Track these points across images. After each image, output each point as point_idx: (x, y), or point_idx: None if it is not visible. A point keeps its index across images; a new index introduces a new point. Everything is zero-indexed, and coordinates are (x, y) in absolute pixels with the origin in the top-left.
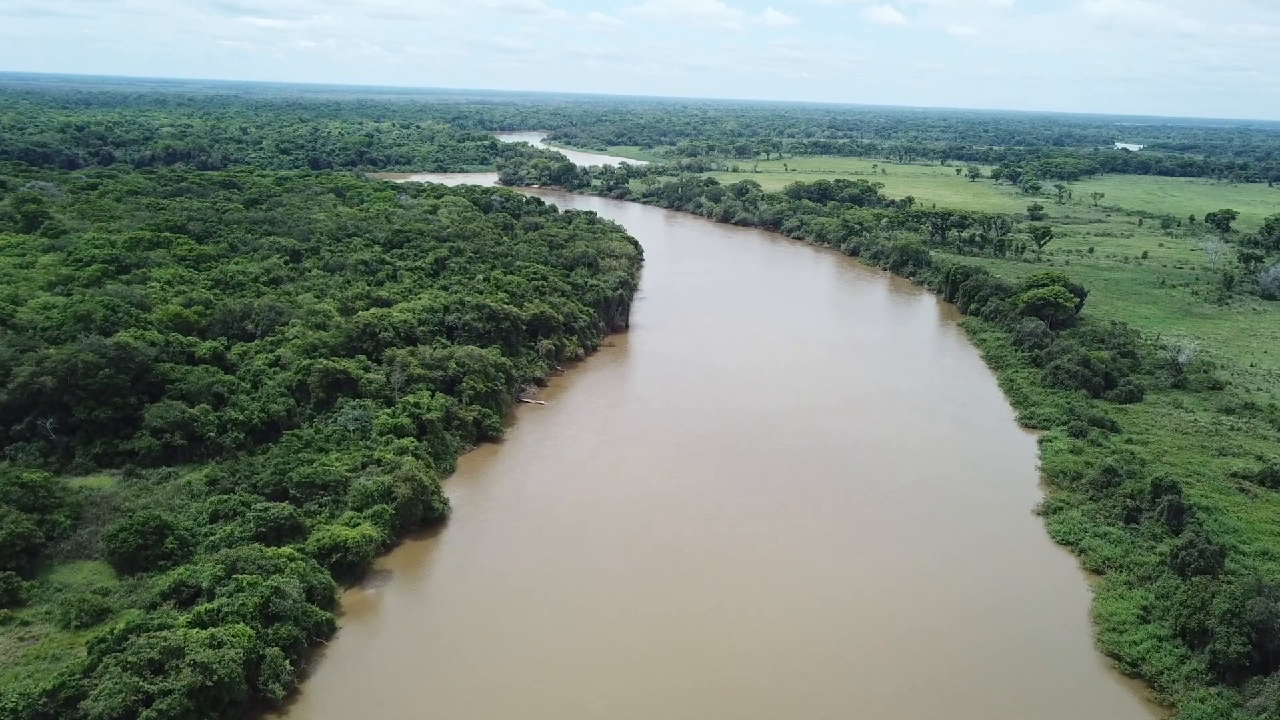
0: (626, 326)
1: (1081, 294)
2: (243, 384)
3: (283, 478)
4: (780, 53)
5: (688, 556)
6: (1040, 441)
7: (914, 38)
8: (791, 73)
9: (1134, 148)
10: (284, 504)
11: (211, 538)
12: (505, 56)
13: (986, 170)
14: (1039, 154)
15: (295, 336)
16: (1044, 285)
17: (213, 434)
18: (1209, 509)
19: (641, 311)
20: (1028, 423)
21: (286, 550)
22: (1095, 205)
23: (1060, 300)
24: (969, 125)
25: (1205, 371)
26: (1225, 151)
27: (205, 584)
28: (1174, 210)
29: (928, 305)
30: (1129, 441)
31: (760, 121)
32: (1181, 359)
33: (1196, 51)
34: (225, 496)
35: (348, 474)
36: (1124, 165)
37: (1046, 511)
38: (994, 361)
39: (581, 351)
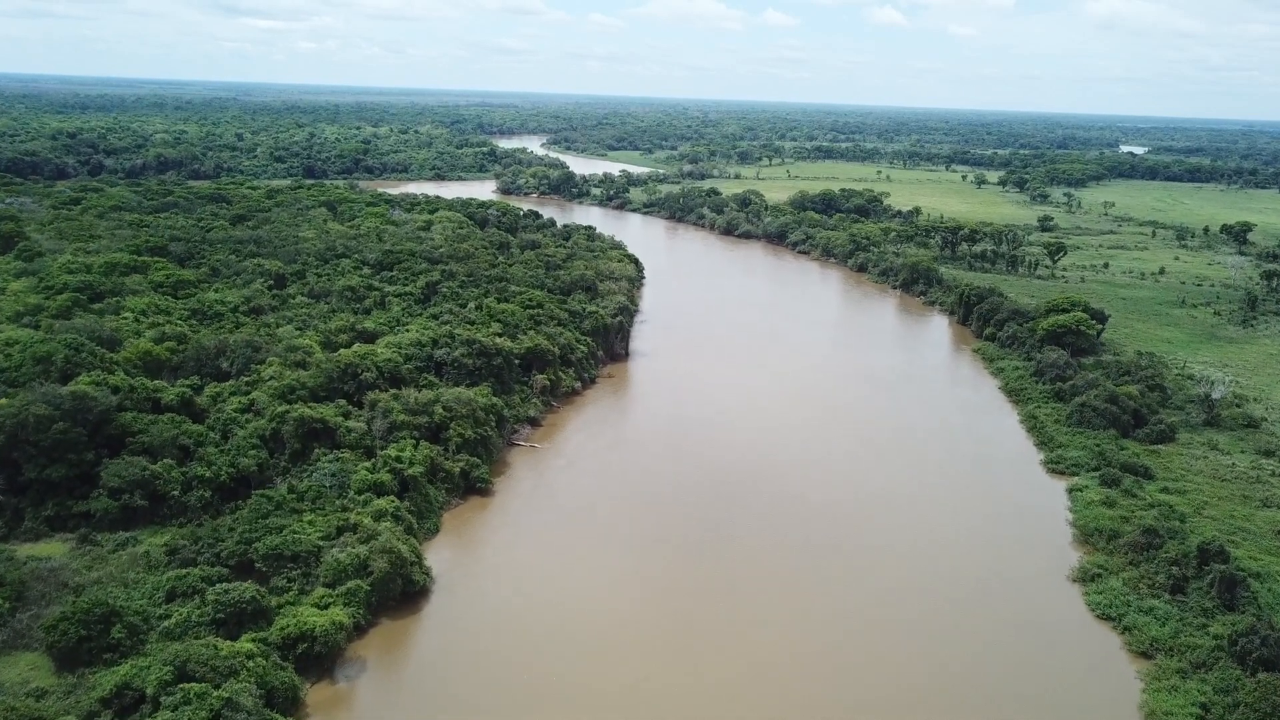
0: (626, 354)
1: (1102, 318)
2: (211, 434)
3: (249, 548)
4: (780, 53)
5: (689, 645)
6: (1070, 491)
7: (914, 38)
8: (792, 73)
9: (1139, 150)
10: (247, 584)
11: (166, 622)
12: (505, 57)
13: (992, 176)
14: (1044, 159)
15: (272, 377)
16: (1064, 311)
17: (176, 493)
18: (1260, 575)
19: (642, 336)
20: (1055, 468)
21: (245, 646)
22: (1106, 215)
23: (1082, 328)
24: (972, 128)
25: (1239, 406)
26: (1231, 154)
27: (150, 689)
28: (1186, 219)
29: (940, 328)
30: (1164, 490)
31: (762, 124)
32: (1215, 395)
33: (1197, 51)
34: (184, 572)
35: (320, 543)
36: (1131, 170)
37: (1084, 578)
38: (1014, 394)
39: (579, 385)
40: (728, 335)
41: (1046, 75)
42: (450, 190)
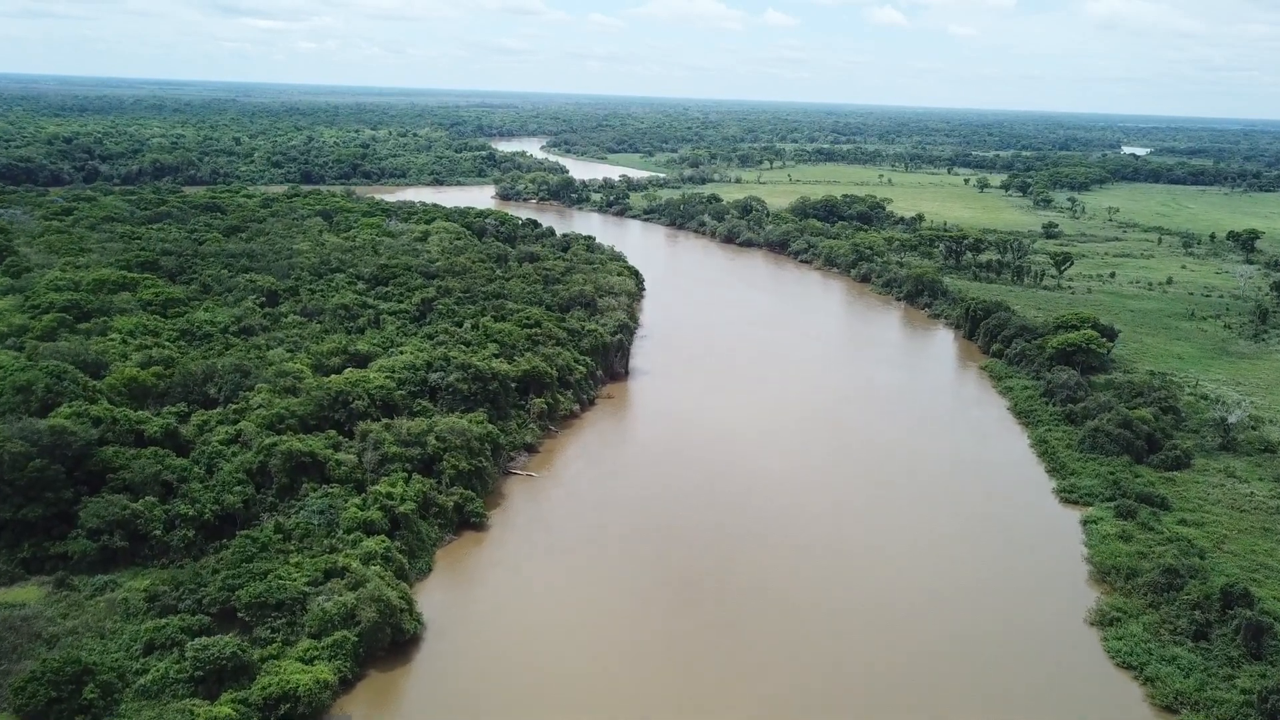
0: (626, 373)
1: (1112, 335)
2: (196, 469)
3: (231, 595)
4: (781, 53)
5: (691, 696)
6: (1084, 522)
7: (914, 38)
8: (792, 73)
9: (1141, 152)
10: (228, 638)
11: (143, 679)
12: (505, 57)
13: (995, 180)
14: (1047, 161)
15: (260, 405)
16: (1074, 328)
17: (158, 532)
18: None
19: (642, 353)
20: (1068, 497)
21: (224, 710)
22: (1111, 220)
23: (1093, 346)
24: (973, 128)
25: (1255, 429)
26: (1233, 156)
27: None
28: (1191, 225)
29: (945, 342)
30: (1182, 523)
31: (762, 125)
32: (1231, 419)
33: (1197, 51)
34: (163, 622)
35: (306, 589)
36: (1134, 173)
37: (1102, 621)
38: (1023, 416)
39: (577, 407)
40: (730, 351)
41: (1047, 75)
42: (449, 196)
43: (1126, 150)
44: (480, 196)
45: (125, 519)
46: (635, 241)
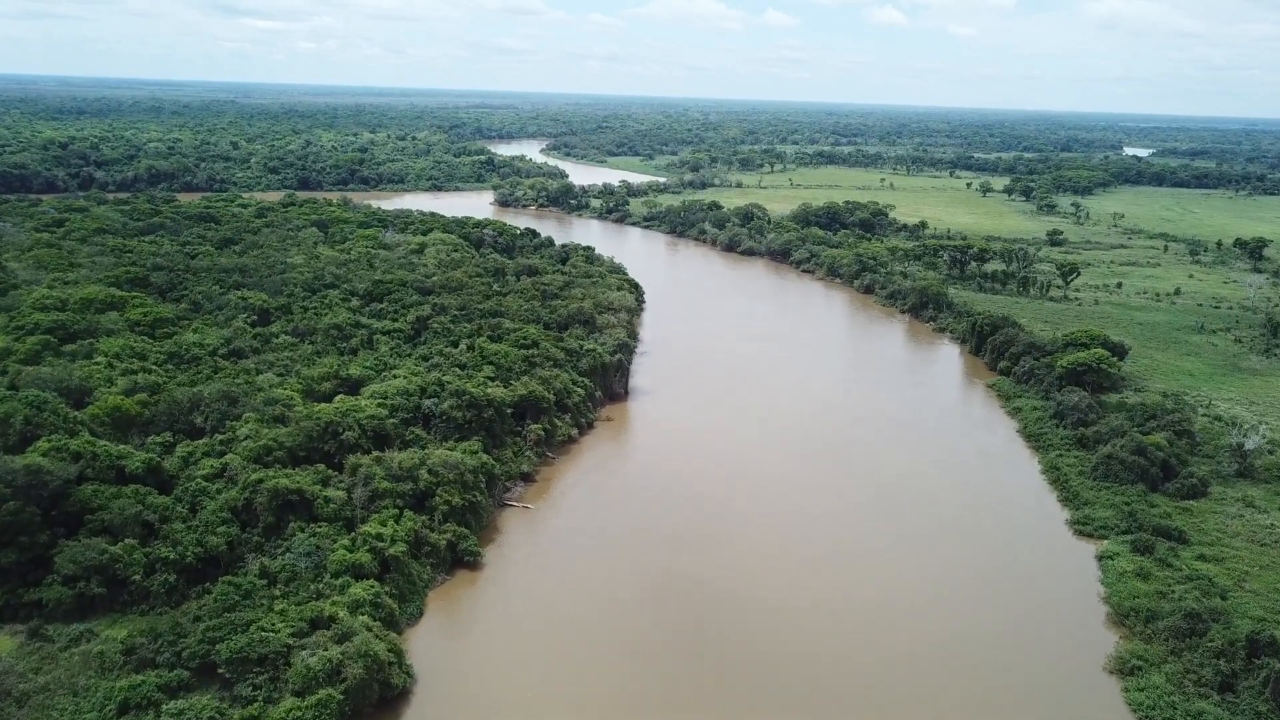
0: (626, 393)
1: (1122, 352)
2: (179, 507)
3: (212, 649)
4: (781, 53)
5: None
6: (1100, 558)
7: (915, 38)
8: (792, 73)
9: (1143, 153)
10: (207, 699)
11: None
12: (506, 57)
13: (997, 183)
14: (1050, 163)
15: (248, 436)
16: (1084, 346)
17: (138, 577)
18: None
19: (642, 371)
20: (1082, 529)
21: None
22: (1116, 227)
23: (1103, 365)
24: (974, 129)
25: (1272, 454)
26: (1236, 156)
27: None
28: (1197, 230)
29: (951, 358)
30: (1201, 558)
31: (763, 127)
32: (1249, 445)
33: (1198, 51)
34: (140, 679)
35: (290, 640)
36: (1137, 176)
37: (1122, 669)
38: (1033, 439)
39: (575, 432)
40: (732, 370)
41: (1047, 75)
42: (447, 202)
43: (1128, 152)
44: (479, 203)
45: (103, 564)
46: (635, 250)
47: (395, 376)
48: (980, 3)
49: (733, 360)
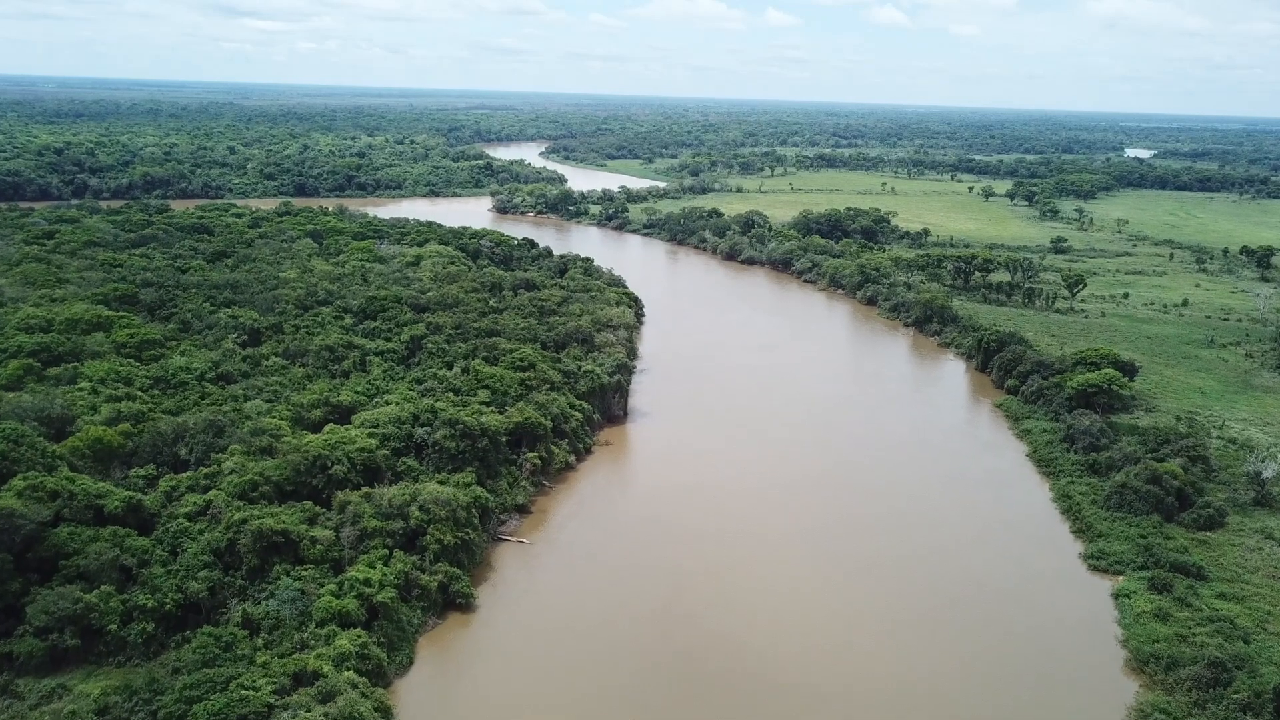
0: (625, 415)
1: (1132, 372)
2: (158, 550)
3: (188, 710)
4: (781, 53)
5: None
6: (1116, 596)
7: (916, 37)
8: (793, 73)
9: (1145, 155)
10: None
11: None
12: (506, 58)
13: (999, 187)
14: (1051, 166)
15: (234, 470)
16: (1093, 366)
17: (114, 627)
18: None
19: (642, 389)
20: (1096, 564)
21: None
22: (1120, 233)
23: (1114, 386)
24: (975, 130)
25: None
26: (1239, 158)
27: None
28: (1201, 236)
29: (956, 374)
30: (1221, 596)
31: (763, 128)
32: (1267, 474)
33: (1201, 50)
34: None
35: (272, 699)
36: (1140, 179)
37: None
38: (1043, 465)
39: (573, 458)
40: (734, 389)
41: (1049, 74)
42: (444, 208)
43: (1130, 153)
44: (477, 209)
45: (78, 614)
46: (635, 258)
47: (387, 403)
48: (981, 2)
49: (733, 378)
